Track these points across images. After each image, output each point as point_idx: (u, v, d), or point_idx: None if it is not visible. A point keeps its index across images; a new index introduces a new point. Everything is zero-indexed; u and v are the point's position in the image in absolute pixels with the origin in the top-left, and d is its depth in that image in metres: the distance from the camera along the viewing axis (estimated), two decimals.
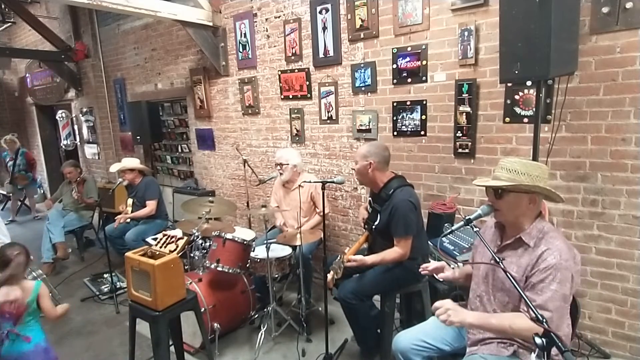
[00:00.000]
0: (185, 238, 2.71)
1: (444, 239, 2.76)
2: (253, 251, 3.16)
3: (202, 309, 2.83)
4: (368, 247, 2.74)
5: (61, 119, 7.20)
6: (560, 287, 1.52)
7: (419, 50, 3.04)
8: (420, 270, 2.02)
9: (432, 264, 2.00)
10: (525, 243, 1.66)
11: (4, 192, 6.95)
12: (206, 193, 4.92)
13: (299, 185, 3.21)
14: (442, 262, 2.05)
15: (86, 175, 5.75)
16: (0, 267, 2.24)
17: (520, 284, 1.60)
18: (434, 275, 2.01)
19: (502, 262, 1.53)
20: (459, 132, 2.97)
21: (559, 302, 1.53)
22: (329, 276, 2.37)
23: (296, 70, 3.86)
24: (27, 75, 7.67)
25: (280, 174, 3.51)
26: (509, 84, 2.64)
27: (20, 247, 2.33)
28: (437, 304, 1.65)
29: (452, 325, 1.61)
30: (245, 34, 4.21)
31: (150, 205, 4.32)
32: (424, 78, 3.07)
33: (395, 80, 3.23)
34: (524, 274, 1.63)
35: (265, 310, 3.11)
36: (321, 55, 3.63)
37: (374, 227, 2.58)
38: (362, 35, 3.34)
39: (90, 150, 6.92)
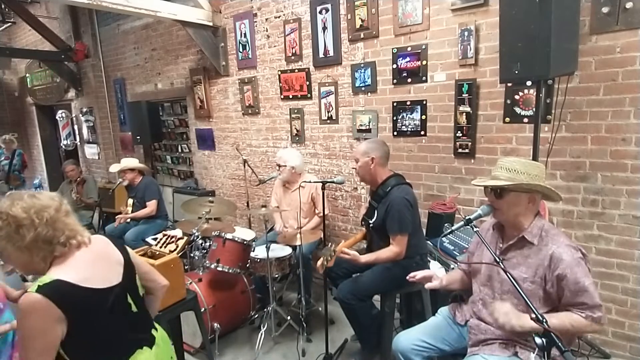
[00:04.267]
0: (185, 238, 2.72)
1: (444, 239, 2.76)
2: (253, 251, 3.16)
3: (202, 309, 2.83)
4: (367, 245, 2.74)
5: (61, 119, 7.20)
6: (588, 278, 1.56)
7: (419, 50, 3.04)
8: (407, 278, 2.01)
9: (420, 273, 1.99)
10: (528, 242, 1.67)
11: None
12: (206, 193, 4.92)
13: (300, 186, 3.21)
14: (430, 271, 2.04)
15: (86, 175, 5.76)
16: None
17: (535, 285, 1.62)
18: (423, 284, 1.99)
19: (502, 263, 1.53)
20: (459, 132, 2.97)
21: (597, 292, 1.57)
22: (319, 262, 2.35)
23: (296, 70, 3.86)
24: (27, 75, 7.67)
25: (279, 173, 3.51)
26: (509, 84, 2.65)
27: None
28: (496, 305, 1.58)
29: (513, 329, 1.52)
30: (245, 34, 4.21)
31: (151, 206, 4.31)
32: (424, 78, 3.07)
33: (395, 80, 3.23)
34: (535, 274, 1.63)
35: (265, 310, 3.11)
36: (321, 55, 3.63)
37: (370, 224, 2.58)
38: (362, 35, 3.34)
39: (90, 150, 6.92)
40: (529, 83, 2.51)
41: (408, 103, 3.19)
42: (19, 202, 1.27)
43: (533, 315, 1.34)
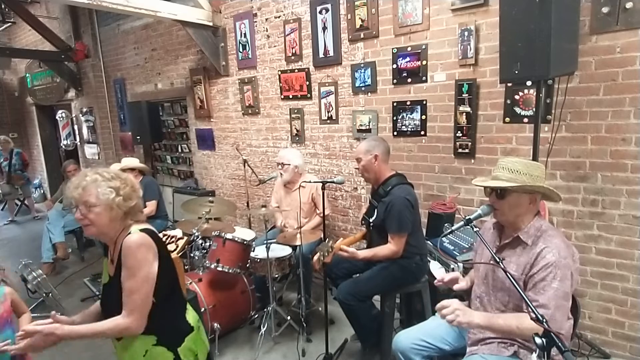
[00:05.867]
0: (185, 238, 2.72)
1: (444, 239, 2.76)
2: (253, 251, 3.16)
3: (202, 309, 2.83)
4: (366, 245, 2.74)
5: (61, 119, 7.20)
6: (561, 285, 1.52)
7: (419, 50, 3.04)
8: (435, 283, 1.99)
9: (448, 276, 1.95)
10: (523, 242, 1.67)
11: (1, 192, 6.96)
12: (206, 193, 4.91)
13: (300, 186, 3.21)
14: (457, 273, 2.01)
15: None
16: None
17: (520, 283, 1.60)
18: (450, 287, 1.95)
19: (502, 262, 1.53)
20: (459, 132, 2.97)
21: (561, 300, 1.52)
22: (315, 257, 2.36)
23: (296, 70, 3.86)
24: (27, 75, 7.67)
25: (281, 174, 3.50)
26: (509, 84, 2.64)
27: None
28: (444, 302, 1.60)
29: (460, 325, 1.57)
30: (245, 34, 4.21)
31: (150, 206, 4.31)
32: (424, 78, 3.07)
33: (395, 80, 3.23)
34: (522, 272, 1.63)
35: (265, 310, 3.11)
36: (321, 55, 3.63)
37: (370, 222, 2.58)
38: (362, 35, 3.34)
39: (90, 150, 6.92)
40: (529, 83, 2.51)
41: (408, 103, 3.19)
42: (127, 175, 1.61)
43: (533, 315, 1.34)
